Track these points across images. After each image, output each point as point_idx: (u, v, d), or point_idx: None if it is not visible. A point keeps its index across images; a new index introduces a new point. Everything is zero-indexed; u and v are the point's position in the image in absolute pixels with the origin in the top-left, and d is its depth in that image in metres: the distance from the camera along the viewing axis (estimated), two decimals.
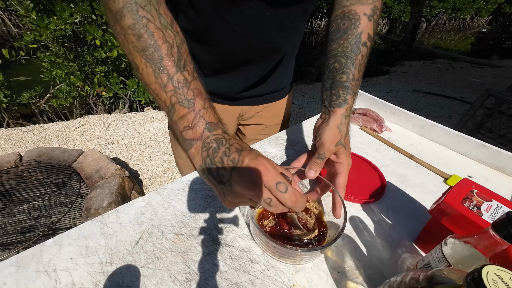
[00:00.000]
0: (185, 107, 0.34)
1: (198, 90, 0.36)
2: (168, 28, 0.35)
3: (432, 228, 0.46)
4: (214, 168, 0.33)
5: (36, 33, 2.30)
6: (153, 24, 0.34)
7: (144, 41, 0.33)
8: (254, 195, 0.31)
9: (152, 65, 0.34)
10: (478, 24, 12.41)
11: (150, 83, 0.35)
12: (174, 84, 0.34)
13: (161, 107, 0.36)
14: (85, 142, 2.33)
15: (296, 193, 0.31)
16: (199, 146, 0.34)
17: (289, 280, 0.41)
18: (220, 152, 0.33)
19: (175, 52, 0.35)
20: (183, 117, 0.35)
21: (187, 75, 0.35)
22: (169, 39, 0.35)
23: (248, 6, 0.52)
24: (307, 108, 3.50)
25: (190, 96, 0.35)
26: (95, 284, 0.38)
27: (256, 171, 0.30)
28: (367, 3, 0.48)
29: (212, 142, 0.34)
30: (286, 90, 0.80)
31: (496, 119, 2.02)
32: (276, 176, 0.30)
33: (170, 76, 0.34)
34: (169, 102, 0.35)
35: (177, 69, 0.35)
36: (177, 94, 0.34)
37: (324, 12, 9.24)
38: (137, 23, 0.33)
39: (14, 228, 1.19)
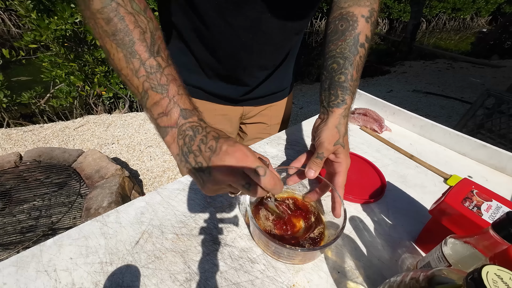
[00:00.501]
0: (158, 92, 0.34)
1: (172, 76, 0.35)
2: (140, 13, 0.34)
3: (432, 228, 0.46)
4: (191, 156, 0.33)
5: (36, 33, 2.30)
6: (124, 8, 0.33)
7: (113, 25, 0.33)
8: (234, 180, 0.31)
9: (123, 49, 0.33)
10: (478, 24, 12.41)
11: (122, 68, 0.34)
12: (147, 69, 0.33)
13: (134, 93, 0.36)
14: (85, 142, 2.33)
15: (274, 176, 0.32)
16: (175, 133, 0.34)
17: (289, 280, 0.41)
18: (197, 140, 0.33)
19: (148, 37, 0.34)
20: (156, 103, 0.34)
21: (161, 60, 0.35)
22: (141, 24, 0.34)
23: (251, 8, 0.52)
24: (307, 108, 3.50)
25: (163, 81, 0.34)
26: (95, 284, 0.38)
27: (235, 157, 0.30)
28: (365, 5, 0.49)
29: (188, 130, 0.33)
30: (287, 90, 0.81)
31: (496, 119, 2.02)
32: (254, 161, 0.31)
33: (142, 61, 0.33)
34: (142, 87, 0.34)
35: (150, 54, 0.34)
36: (150, 80, 0.34)
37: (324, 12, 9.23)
38: (105, 6, 0.32)
39: (14, 228, 1.19)
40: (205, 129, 0.33)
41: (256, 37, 0.57)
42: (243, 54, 0.61)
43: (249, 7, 0.52)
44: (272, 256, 0.43)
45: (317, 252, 0.41)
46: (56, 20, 2.30)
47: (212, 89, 0.69)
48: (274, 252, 0.42)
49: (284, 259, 0.43)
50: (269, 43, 0.60)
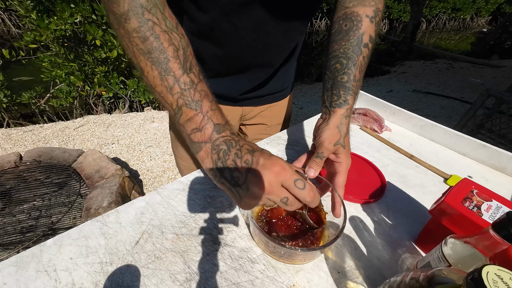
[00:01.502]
0: (192, 109, 0.34)
1: (205, 92, 0.36)
2: (173, 31, 0.35)
3: (432, 228, 0.46)
4: (227, 171, 0.33)
5: (36, 33, 2.30)
6: (159, 27, 0.34)
7: (149, 43, 0.33)
8: (272, 195, 0.31)
9: (158, 67, 0.34)
10: (478, 24, 12.41)
11: (156, 85, 0.35)
12: (181, 86, 0.34)
13: (168, 110, 0.36)
14: (85, 142, 2.33)
15: (313, 188, 0.32)
16: (209, 148, 0.34)
17: (289, 280, 0.41)
18: (231, 154, 0.33)
19: (181, 54, 0.35)
20: (190, 119, 0.34)
21: (194, 77, 0.35)
22: (175, 42, 0.35)
23: (255, 10, 0.52)
24: (307, 108, 3.50)
25: (197, 98, 0.34)
26: (95, 284, 0.38)
27: (273, 171, 0.30)
28: (369, 5, 0.49)
29: (222, 144, 0.33)
30: (288, 90, 0.81)
31: (496, 119, 2.02)
32: (293, 174, 0.31)
33: (176, 78, 0.34)
34: (176, 104, 0.34)
35: (184, 71, 0.34)
36: (184, 96, 0.34)
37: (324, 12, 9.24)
38: (142, 26, 0.33)
39: (14, 228, 1.19)
40: (238, 142, 0.33)
41: (260, 37, 0.57)
42: (246, 54, 0.61)
43: (253, 8, 0.52)
44: (272, 256, 0.43)
45: (317, 252, 0.41)
46: (56, 20, 2.30)
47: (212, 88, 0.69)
48: (274, 252, 0.42)
49: (284, 259, 0.43)
50: (272, 43, 0.60)
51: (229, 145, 0.33)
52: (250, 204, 0.33)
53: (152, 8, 0.33)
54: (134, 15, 0.33)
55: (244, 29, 0.55)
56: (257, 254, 0.44)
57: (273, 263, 0.43)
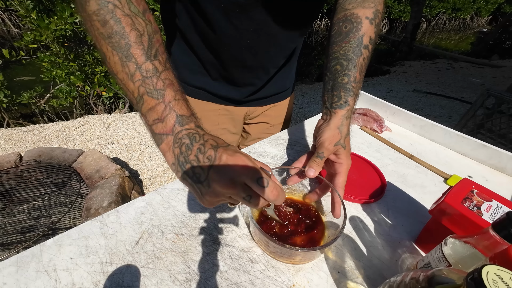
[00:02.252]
0: (154, 98, 0.32)
1: (170, 81, 0.34)
2: (138, 16, 0.33)
3: (432, 228, 0.46)
4: (189, 166, 0.31)
5: (36, 33, 2.30)
6: (121, 10, 0.32)
7: (109, 27, 0.31)
8: (234, 193, 0.30)
9: (118, 52, 0.32)
10: (478, 24, 12.41)
11: (117, 72, 0.33)
12: (143, 73, 0.32)
13: (129, 98, 0.34)
14: (85, 142, 2.33)
15: (276, 186, 0.30)
16: (170, 141, 0.32)
17: (289, 280, 0.41)
18: (194, 149, 0.31)
19: (146, 40, 0.33)
20: (152, 109, 0.32)
21: (158, 64, 0.33)
22: (138, 27, 0.33)
23: (257, 11, 0.52)
24: (307, 108, 3.50)
25: (159, 86, 0.32)
26: (95, 284, 0.38)
27: (235, 168, 0.29)
28: (369, 7, 0.49)
29: (185, 138, 0.32)
30: (289, 91, 0.81)
31: (496, 119, 2.02)
32: (256, 172, 0.30)
33: (138, 65, 0.32)
34: (137, 92, 0.33)
35: (147, 58, 0.32)
36: (146, 84, 0.32)
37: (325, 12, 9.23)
38: (102, 8, 0.31)
39: (14, 228, 1.19)
40: (202, 137, 0.32)
41: (261, 39, 0.57)
42: (248, 56, 0.61)
43: (255, 10, 0.52)
44: (272, 256, 0.43)
45: (317, 252, 0.41)
46: (56, 20, 2.30)
47: (215, 90, 0.69)
48: (274, 252, 0.42)
49: (284, 259, 0.43)
50: (274, 44, 0.60)
51: (192, 139, 0.32)
52: (212, 202, 0.32)
53: None
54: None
55: (245, 30, 0.55)
56: (257, 254, 0.44)
57: (273, 263, 0.43)
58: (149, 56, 0.33)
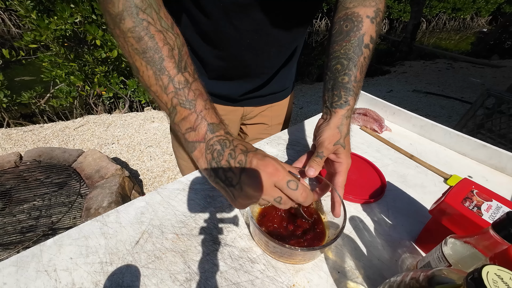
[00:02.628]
0: (186, 108, 0.34)
1: (199, 91, 0.36)
2: (169, 31, 0.35)
3: (432, 228, 0.46)
4: (221, 171, 0.33)
5: (36, 33, 2.30)
6: (154, 26, 0.34)
7: (144, 43, 0.33)
8: (265, 195, 0.32)
9: (152, 67, 0.34)
10: (478, 24, 12.41)
11: (151, 85, 0.35)
12: (175, 85, 0.34)
13: (163, 109, 0.36)
14: (85, 142, 2.33)
15: (306, 189, 0.32)
16: (203, 148, 0.34)
17: (289, 280, 0.41)
18: (225, 154, 0.33)
19: (176, 53, 0.35)
20: (184, 118, 0.34)
21: (188, 76, 0.35)
22: (169, 41, 0.35)
23: (257, 11, 0.52)
24: (307, 108, 3.50)
25: (191, 97, 0.34)
26: (95, 284, 0.38)
27: (266, 172, 0.31)
28: (370, 6, 0.49)
29: (216, 144, 0.34)
30: (288, 90, 0.81)
31: (496, 119, 2.02)
32: (286, 175, 0.31)
33: (171, 77, 0.34)
34: (171, 103, 0.35)
35: (178, 70, 0.34)
36: (178, 96, 0.34)
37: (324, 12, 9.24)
38: (137, 26, 0.33)
39: (14, 228, 1.19)
40: (232, 142, 0.34)
41: (262, 38, 0.57)
42: (248, 55, 0.61)
43: (254, 10, 0.52)
44: (272, 256, 0.43)
45: (317, 252, 0.41)
46: (56, 20, 2.30)
47: (212, 89, 0.69)
48: (274, 252, 0.42)
49: (284, 259, 0.43)
50: (274, 44, 0.60)
51: (223, 145, 0.33)
52: (244, 204, 0.34)
53: (147, 8, 0.34)
54: (129, 15, 0.33)
55: (245, 30, 0.55)
56: (257, 254, 0.44)
57: (273, 263, 0.43)
58: (180, 69, 0.35)
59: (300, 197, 0.32)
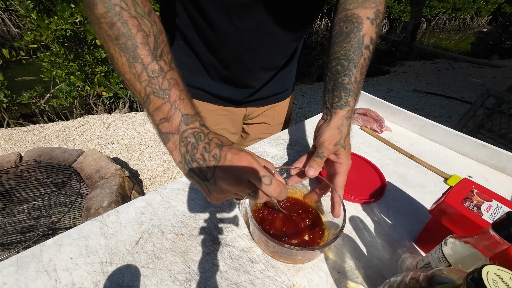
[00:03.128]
0: (160, 97, 0.33)
1: (175, 81, 0.34)
2: (144, 17, 0.34)
3: (432, 228, 0.46)
4: (195, 165, 0.32)
5: (37, 33, 2.30)
6: (127, 12, 0.33)
7: (117, 29, 0.32)
8: (240, 189, 0.32)
9: (126, 54, 0.33)
10: (478, 24, 12.41)
11: (125, 72, 0.34)
12: (149, 73, 0.33)
13: (137, 98, 0.35)
14: (85, 142, 2.33)
15: (279, 184, 0.32)
16: (177, 140, 0.33)
17: (289, 280, 0.41)
18: (199, 148, 0.32)
19: (151, 41, 0.34)
20: (158, 108, 0.33)
21: (164, 64, 0.34)
22: (144, 28, 0.33)
23: (258, 11, 0.52)
24: (307, 108, 3.50)
25: (165, 86, 0.33)
26: (95, 284, 0.38)
27: (240, 167, 0.30)
28: (370, 7, 0.49)
29: (190, 137, 0.33)
30: (289, 91, 0.81)
31: (496, 119, 2.02)
32: (260, 170, 0.31)
33: (144, 65, 0.33)
34: (144, 92, 0.33)
35: (153, 58, 0.33)
36: (152, 84, 0.33)
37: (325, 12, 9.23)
38: (109, 11, 0.32)
39: (14, 228, 1.19)
40: (207, 135, 0.33)
41: (262, 39, 0.57)
42: (248, 56, 0.61)
43: (255, 10, 0.52)
44: (272, 256, 0.43)
45: (317, 252, 0.41)
46: (56, 20, 2.30)
47: (215, 91, 0.69)
48: (274, 252, 0.42)
49: (284, 259, 0.43)
50: (274, 45, 0.60)
51: (197, 138, 0.33)
52: (219, 198, 0.34)
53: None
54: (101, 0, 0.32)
55: (246, 31, 0.55)
56: (257, 254, 0.44)
57: (273, 263, 0.43)
58: (154, 57, 0.33)
59: (274, 192, 0.31)
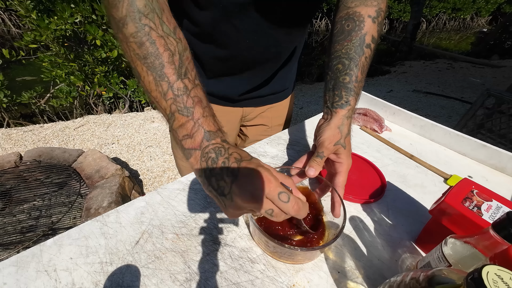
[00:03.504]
0: (184, 115, 0.34)
1: (198, 98, 0.35)
2: (170, 36, 0.35)
3: (432, 228, 0.46)
4: (214, 179, 0.32)
5: (37, 33, 2.30)
6: (155, 32, 0.34)
7: (145, 49, 0.34)
8: (256, 207, 0.31)
9: (153, 72, 0.34)
10: (478, 24, 12.40)
11: (151, 90, 0.35)
12: (174, 92, 0.34)
13: (162, 115, 0.36)
14: (85, 142, 2.33)
15: (298, 201, 0.31)
16: (198, 155, 0.34)
17: (289, 280, 0.41)
18: (219, 162, 0.32)
19: (177, 59, 0.35)
20: (182, 125, 0.34)
21: (188, 82, 0.35)
22: (171, 47, 0.35)
23: (256, 11, 0.52)
24: (307, 108, 3.50)
25: (189, 104, 0.34)
26: (95, 284, 0.38)
27: (257, 183, 0.30)
28: (372, 5, 0.49)
29: (211, 152, 0.33)
30: (288, 91, 0.80)
31: (496, 119, 2.02)
32: (277, 187, 0.30)
33: (170, 83, 0.34)
34: (169, 110, 0.35)
35: (178, 77, 0.34)
36: (177, 102, 0.34)
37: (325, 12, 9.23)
38: (139, 31, 0.33)
39: (14, 228, 1.19)
40: (227, 150, 0.33)
41: (261, 38, 0.57)
42: (247, 55, 0.61)
43: (254, 10, 0.52)
44: (272, 256, 0.43)
45: (317, 252, 0.41)
46: (56, 20, 2.30)
47: (211, 89, 0.69)
48: (274, 252, 0.42)
49: (284, 259, 0.43)
50: (274, 44, 0.60)
51: (217, 153, 0.33)
52: (236, 214, 0.33)
53: (149, 13, 0.34)
54: (132, 20, 0.33)
55: (245, 31, 0.55)
56: (257, 254, 0.44)
57: (273, 263, 0.43)
58: (180, 75, 0.35)
59: (292, 210, 0.31)
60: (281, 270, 0.42)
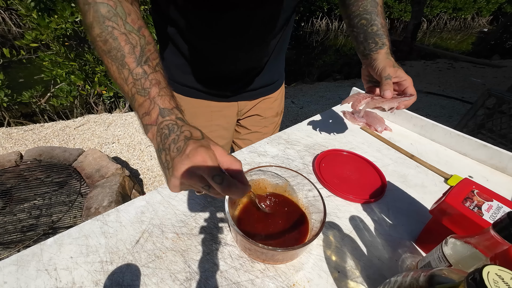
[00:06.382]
0: (142, 95, 0.38)
1: (156, 80, 0.38)
2: (133, 32, 0.39)
3: (432, 228, 0.46)
4: (163, 154, 0.35)
5: (37, 32, 2.30)
6: (118, 30, 0.38)
7: (109, 44, 0.38)
8: (192, 183, 0.33)
9: (115, 63, 0.38)
10: (479, 24, 12.38)
11: (116, 78, 0.39)
12: (134, 76, 0.38)
13: (127, 99, 0.40)
14: (86, 141, 2.33)
15: (231, 184, 0.33)
16: (154, 130, 0.37)
17: (289, 280, 0.41)
18: (169, 139, 0.35)
19: (138, 50, 0.39)
20: (141, 105, 0.38)
21: (147, 68, 0.39)
22: (132, 41, 0.39)
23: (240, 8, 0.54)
24: (307, 108, 3.49)
25: (147, 85, 0.38)
26: (95, 283, 0.38)
27: (193, 162, 0.32)
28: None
29: (165, 128, 0.36)
30: (278, 83, 0.84)
31: (497, 119, 2.02)
32: (212, 170, 0.32)
33: (130, 70, 0.38)
34: (131, 93, 0.38)
35: (137, 64, 0.38)
36: (136, 86, 0.38)
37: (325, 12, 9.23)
38: (103, 31, 0.38)
39: (14, 227, 1.19)
40: (180, 128, 0.35)
41: (245, 35, 0.60)
42: (233, 53, 0.64)
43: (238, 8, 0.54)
44: (257, 259, 0.43)
45: (297, 251, 0.39)
46: (56, 19, 2.30)
47: (205, 87, 0.72)
48: (257, 255, 0.41)
49: (262, 260, 0.42)
50: (258, 40, 0.63)
51: (171, 129, 0.35)
52: (175, 186, 0.35)
53: (112, 17, 0.38)
54: (97, 23, 0.38)
55: (228, 30, 0.58)
56: None
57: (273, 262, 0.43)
58: (139, 63, 0.38)
59: (223, 191, 0.32)
60: (281, 269, 0.42)
